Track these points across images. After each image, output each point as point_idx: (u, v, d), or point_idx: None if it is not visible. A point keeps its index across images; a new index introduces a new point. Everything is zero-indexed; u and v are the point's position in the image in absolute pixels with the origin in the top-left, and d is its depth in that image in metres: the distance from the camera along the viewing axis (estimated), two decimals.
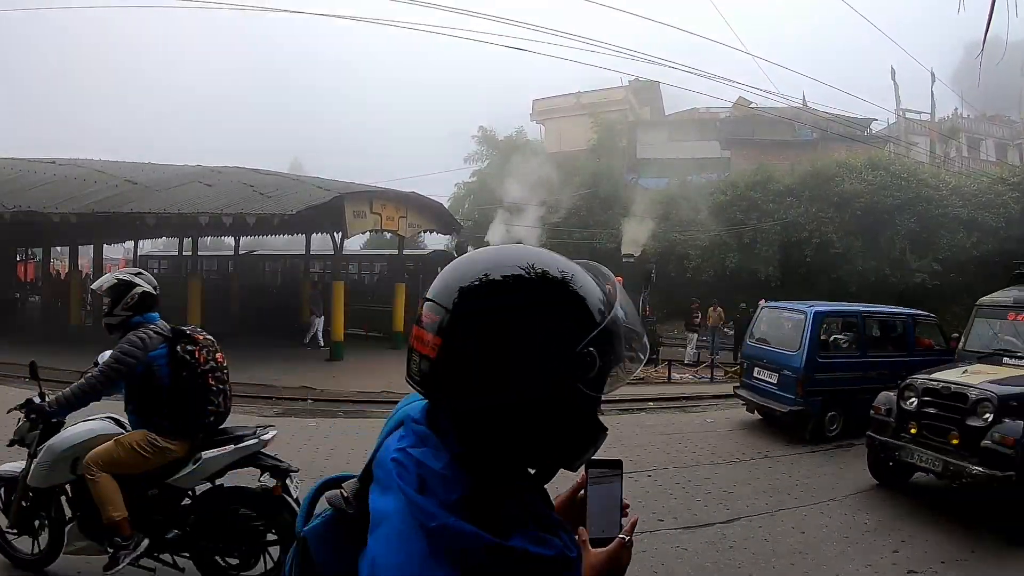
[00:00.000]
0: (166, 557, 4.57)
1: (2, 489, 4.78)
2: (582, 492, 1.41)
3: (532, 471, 1.20)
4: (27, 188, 20.28)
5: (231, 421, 4.95)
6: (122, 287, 4.59)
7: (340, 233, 20.42)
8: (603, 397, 1.19)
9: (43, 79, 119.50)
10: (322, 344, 21.72)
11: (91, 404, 4.45)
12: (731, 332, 24.55)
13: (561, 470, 1.21)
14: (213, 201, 18.14)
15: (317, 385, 15.78)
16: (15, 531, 4.69)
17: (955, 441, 6.73)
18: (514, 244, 1.54)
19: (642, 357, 1.31)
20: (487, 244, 30.75)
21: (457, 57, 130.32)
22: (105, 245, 29.36)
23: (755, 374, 11.38)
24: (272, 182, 19.83)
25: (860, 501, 7.12)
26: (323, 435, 9.76)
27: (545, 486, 1.22)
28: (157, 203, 18.25)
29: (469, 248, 25.94)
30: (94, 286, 4.90)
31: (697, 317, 24.01)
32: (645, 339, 1.33)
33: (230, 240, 30.29)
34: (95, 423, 4.67)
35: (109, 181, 20.17)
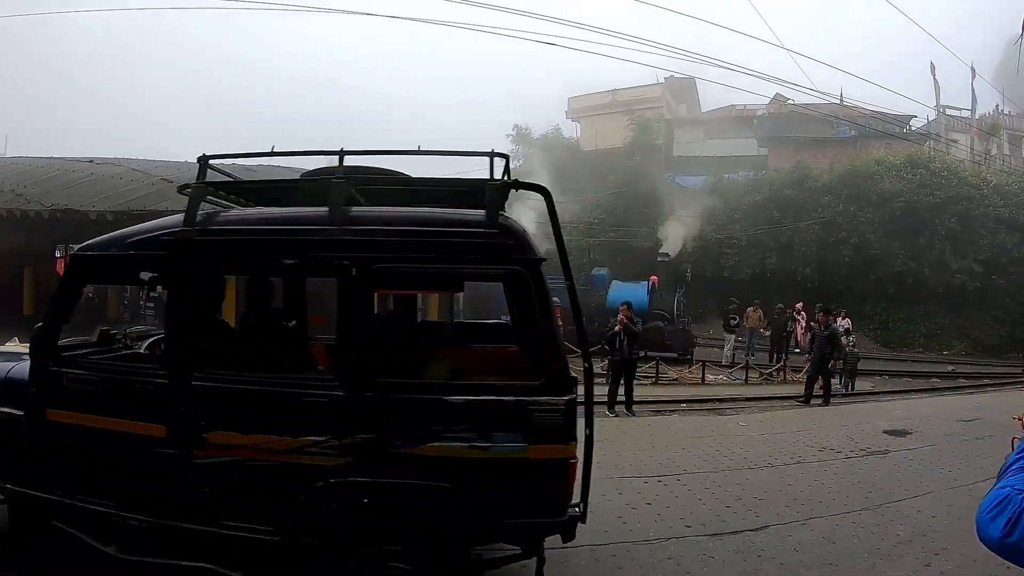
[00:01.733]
0: None
1: None
2: None
3: None
4: (65, 186, 20.68)
5: None
6: None
7: None
8: None
9: (92, 80, 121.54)
10: None
11: None
12: (768, 334, 24.28)
13: None
14: None
15: None
16: None
17: None
18: None
19: None
20: None
21: (493, 55, 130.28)
22: None
23: None
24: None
25: (894, 511, 6.98)
26: None
27: None
28: None
29: None
30: None
31: (735, 319, 23.69)
32: None
33: None
34: None
35: (145, 180, 20.47)
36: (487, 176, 4.72)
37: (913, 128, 38.07)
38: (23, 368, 4.68)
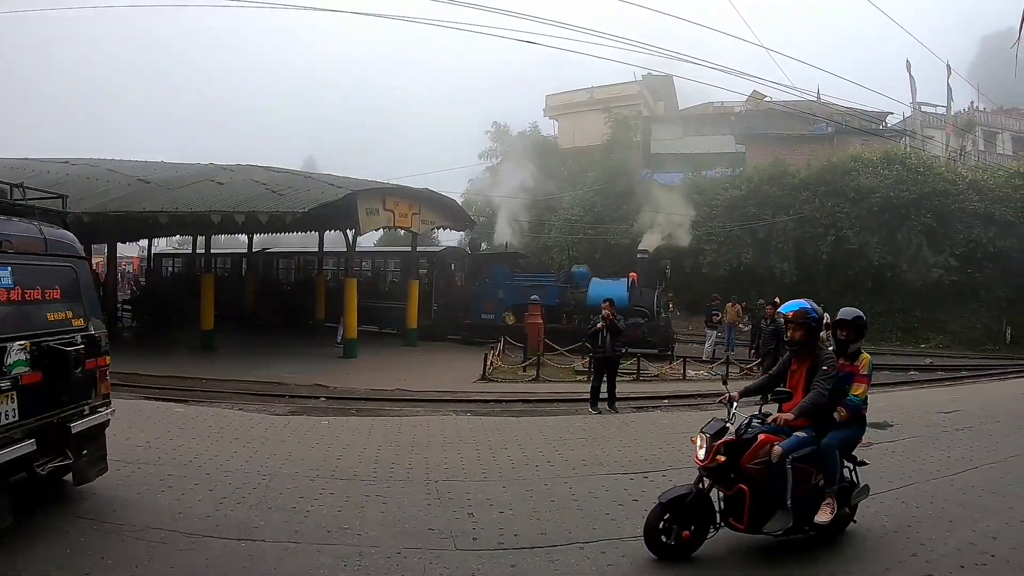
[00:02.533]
0: None
1: None
2: None
3: None
4: (39, 188, 20.36)
5: None
6: None
7: (353, 230, 20.42)
8: None
9: (59, 80, 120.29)
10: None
11: None
12: (748, 328, 24.35)
13: None
14: (225, 199, 18.18)
15: (330, 383, 15.83)
16: None
17: None
18: None
19: None
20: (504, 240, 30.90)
21: (471, 53, 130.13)
22: (119, 244, 29.46)
23: None
24: (284, 180, 19.86)
25: (878, 503, 6.97)
26: (335, 433, 9.73)
27: None
28: (169, 202, 18.33)
29: (483, 244, 26.08)
30: None
31: (717, 314, 23.67)
32: None
33: (245, 238, 30.37)
34: None
35: (121, 180, 20.29)
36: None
37: (889, 125, 38.44)
38: None
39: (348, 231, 20.73)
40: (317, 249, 28.41)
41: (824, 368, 5.79)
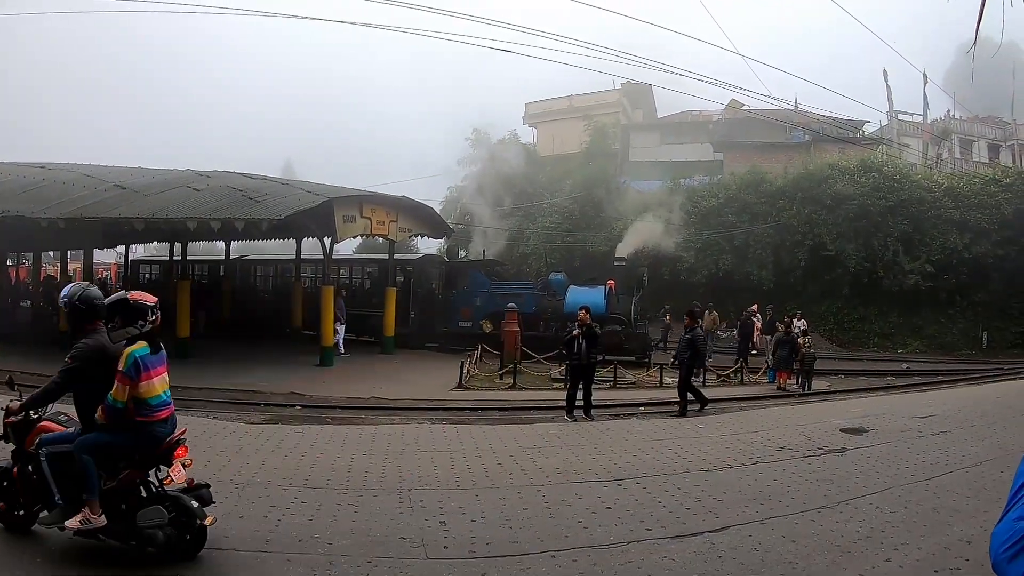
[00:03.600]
0: None
1: None
2: None
3: None
4: (16, 192, 20.20)
5: None
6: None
7: (330, 238, 20.29)
8: None
9: (36, 82, 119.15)
10: (343, 351, 21.59)
11: None
12: (724, 335, 24.40)
13: None
14: (201, 206, 18.04)
15: (306, 391, 15.71)
16: None
17: None
18: None
19: None
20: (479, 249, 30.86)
21: (450, 60, 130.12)
22: (96, 250, 29.16)
23: None
24: (261, 187, 19.72)
25: (853, 508, 6.99)
26: (309, 442, 9.62)
27: None
28: (145, 208, 18.17)
29: (461, 252, 26.02)
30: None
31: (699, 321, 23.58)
32: None
33: (223, 245, 30.14)
34: None
35: (98, 186, 20.11)
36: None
37: (866, 133, 38.76)
38: None
39: (325, 239, 20.61)
40: (294, 257, 28.26)
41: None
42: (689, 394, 13.34)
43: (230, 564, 5.40)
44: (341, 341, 21.92)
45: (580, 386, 12.71)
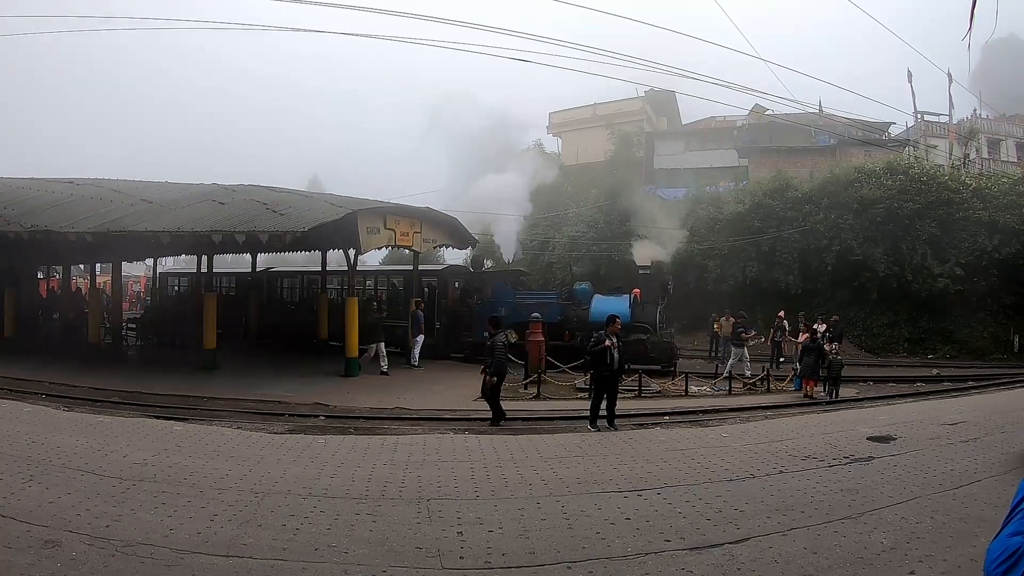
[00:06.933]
0: None
1: None
2: None
3: None
4: (45, 208, 20.57)
5: None
6: None
7: (354, 250, 20.39)
8: None
9: (63, 103, 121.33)
10: (417, 363, 21.81)
11: None
12: (752, 343, 24.10)
13: None
14: (226, 219, 18.20)
15: (331, 402, 15.75)
16: None
17: None
18: None
19: None
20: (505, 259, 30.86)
21: (475, 71, 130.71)
22: (125, 263, 29.57)
23: None
24: (285, 200, 19.85)
25: (877, 518, 6.88)
26: (331, 452, 9.66)
27: None
28: (171, 221, 18.35)
29: (486, 262, 25.96)
30: None
31: (743, 329, 23.04)
32: None
33: (249, 257, 30.42)
34: None
35: (125, 200, 20.39)
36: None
37: (892, 135, 38.35)
38: None
39: (349, 250, 20.66)
40: (320, 268, 28.42)
41: None
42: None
43: (246, 571, 5.44)
44: (417, 353, 22.14)
45: (605, 396, 12.63)
